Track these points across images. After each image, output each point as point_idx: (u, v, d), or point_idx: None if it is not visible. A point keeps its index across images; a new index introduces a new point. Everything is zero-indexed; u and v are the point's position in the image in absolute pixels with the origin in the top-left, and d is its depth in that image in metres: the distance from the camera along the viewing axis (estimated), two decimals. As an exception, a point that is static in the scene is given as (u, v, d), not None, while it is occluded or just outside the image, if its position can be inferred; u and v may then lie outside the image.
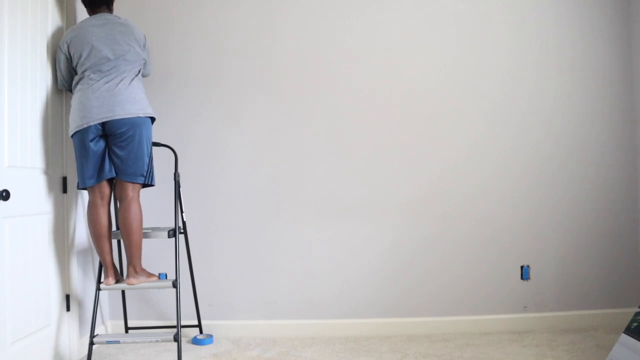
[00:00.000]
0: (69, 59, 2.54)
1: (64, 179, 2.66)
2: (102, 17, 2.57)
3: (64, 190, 2.66)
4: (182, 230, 2.90)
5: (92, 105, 2.43)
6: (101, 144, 2.49)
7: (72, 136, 2.50)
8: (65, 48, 2.53)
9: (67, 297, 2.66)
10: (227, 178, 3.10)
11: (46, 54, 2.53)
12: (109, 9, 2.68)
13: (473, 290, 3.10)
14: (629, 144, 3.16)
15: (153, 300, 3.09)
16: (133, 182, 2.54)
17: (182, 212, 2.89)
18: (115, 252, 3.04)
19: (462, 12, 3.12)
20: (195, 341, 2.95)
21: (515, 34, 3.13)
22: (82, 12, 2.87)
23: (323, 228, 3.09)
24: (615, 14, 3.16)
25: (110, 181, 2.58)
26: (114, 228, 2.90)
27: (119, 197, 2.56)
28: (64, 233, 2.65)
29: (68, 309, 2.66)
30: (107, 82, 2.47)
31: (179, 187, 2.86)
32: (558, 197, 3.13)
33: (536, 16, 3.13)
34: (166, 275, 3.11)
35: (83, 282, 2.82)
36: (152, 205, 3.08)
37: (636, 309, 2.99)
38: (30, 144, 2.38)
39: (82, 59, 2.49)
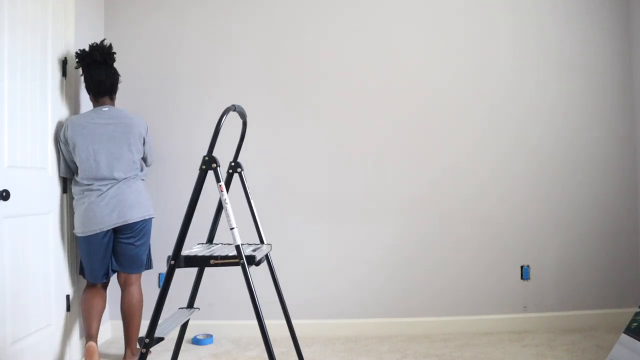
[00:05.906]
0: (71, 153, 2.57)
1: (64, 179, 2.66)
2: (106, 113, 2.58)
3: (64, 190, 2.66)
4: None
5: (103, 213, 2.50)
6: (108, 238, 2.57)
7: (77, 234, 2.57)
8: (63, 139, 2.56)
9: (67, 297, 2.66)
10: (227, 178, 3.10)
11: (46, 52, 2.53)
12: (111, 98, 2.69)
13: (473, 290, 3.10)
14: (629, 143, 3.16)
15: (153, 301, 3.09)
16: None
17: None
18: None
19: (465, 12, 3.12)
20: (195, 341, 2.95)
21: (517, 34, 3.13)
22: (80, 18, 2.87)
23: (323, 228, 3.09)
24: (616, 14, 3.16)
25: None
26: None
27: (123, 283, 2.67)
28: (63, 233, 2.64)
29: (68, 309, 2.66)
30: (111, 188, 2.53)
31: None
32: (558, 197, 3.13)
33: (537, 16, 3.13)
34: (166, 275, 3.10)
35: (83, 282, 2.82)
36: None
37: (636, 309, 2.99)
38: (30, 144, 2.38)
39: (83, 162, 2.52)
